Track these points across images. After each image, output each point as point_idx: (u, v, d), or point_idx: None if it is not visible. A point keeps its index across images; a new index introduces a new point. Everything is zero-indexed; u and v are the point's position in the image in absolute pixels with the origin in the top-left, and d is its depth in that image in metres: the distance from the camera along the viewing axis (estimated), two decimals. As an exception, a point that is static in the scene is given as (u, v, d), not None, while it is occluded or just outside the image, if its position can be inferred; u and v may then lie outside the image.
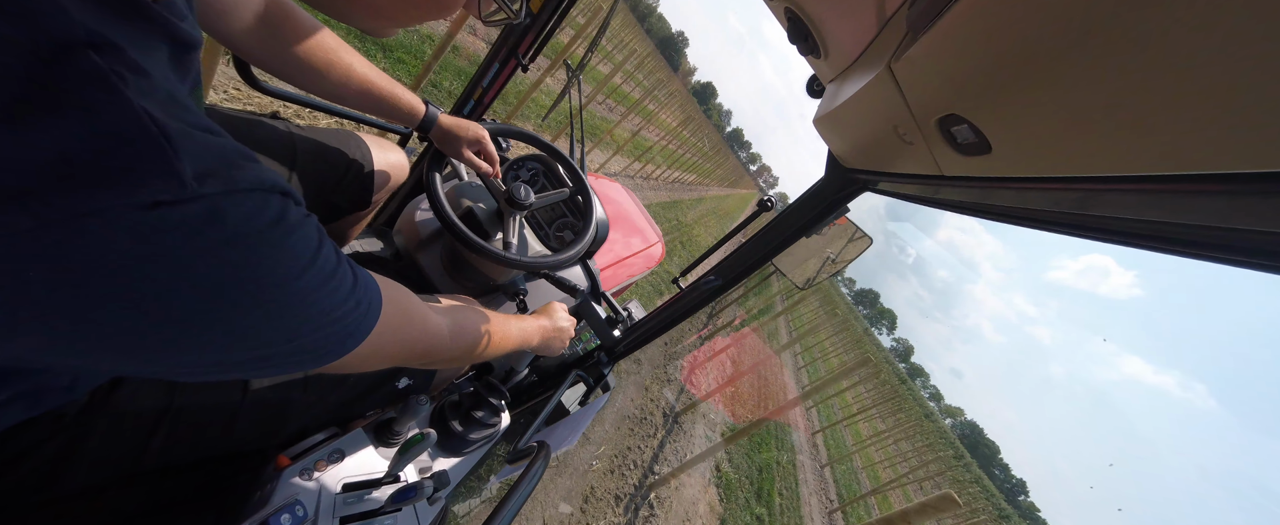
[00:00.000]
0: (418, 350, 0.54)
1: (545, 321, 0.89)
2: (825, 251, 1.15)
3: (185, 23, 0.33)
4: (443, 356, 0.61)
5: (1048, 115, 0.35)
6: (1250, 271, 0.45)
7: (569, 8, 1.11)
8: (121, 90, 0.24)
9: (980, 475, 60.67)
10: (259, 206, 0.29)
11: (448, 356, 0.62)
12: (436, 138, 0.92)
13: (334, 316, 0.36)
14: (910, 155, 0.59)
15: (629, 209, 1.91)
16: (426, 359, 0.57)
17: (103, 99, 0.23)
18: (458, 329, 0.64)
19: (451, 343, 0.61)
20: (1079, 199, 0.39)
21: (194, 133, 0.27)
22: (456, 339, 0.63)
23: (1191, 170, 0.28)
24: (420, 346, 0.54)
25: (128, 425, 0.54)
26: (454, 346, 0.62)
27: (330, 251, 0.36)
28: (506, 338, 0.76)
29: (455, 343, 0.62)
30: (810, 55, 0.78)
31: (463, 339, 0.65)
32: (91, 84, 0.23)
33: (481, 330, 0.69)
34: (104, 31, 0.24)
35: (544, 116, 1.97)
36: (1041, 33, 0.31)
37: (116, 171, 0.23)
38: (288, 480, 0.66)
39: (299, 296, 0.33)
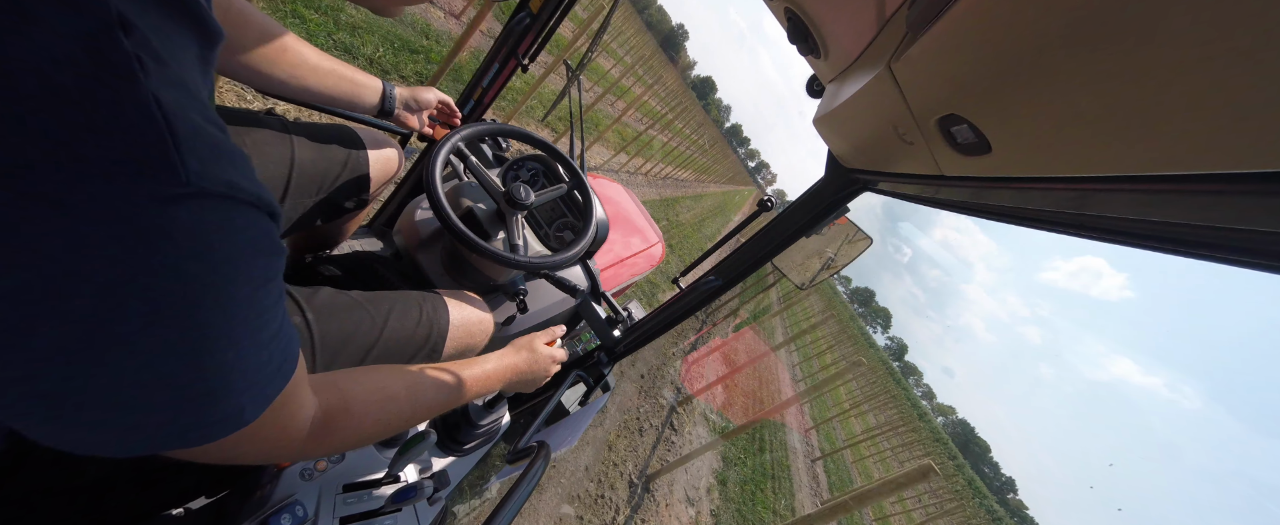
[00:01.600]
0: (354, 436, 0.47)
1: (514, 359, 0.81)
2: (825, 251, 1.15)
3: (209, 11, 0.31)
4: (382, 436, 0.53)
5: (1048, 115, 0.35)
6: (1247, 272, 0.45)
7: (570, 7, 1.11)
8: (139, 78, 0.23)
9: (973, 477, 61.09)
10: (251, 225, 0.28)
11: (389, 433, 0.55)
12: (399, 118, 0.91)
13: (243, 368, 0.30)
14: (910, 155, 0.59)
15: (629, 209, 1.91)
16: (360, 443, 0.50)
17: (120, 85, 0.22)
18: (415, 405, 0.57)
19: (408, 420, 0.56)
20: (1078, 199, 0.40)
21: (206, 130, 0.26)
22: (413, 415, 0.57)
23: (1191, 170, 0.28)
24: (361, 432, 0.48)
25: None
26: (410, 421, 0.57)
27: (280, 283, 0.32)
28: (463, 394, 0.67)
29: (412, 417, 0.57)
30: (810, 55, 0.78)
31: (417, 412, 0.58)
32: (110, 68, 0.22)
33: (429, 400, 0.60)
34: (131, 15, 0.23)
35: (544, 116, 1.97)
36: (1041, 33, 0.31)
37: (113, 159, 0.22)
38: (288, 480, 0.66)
39: (237, 326, 0.28)
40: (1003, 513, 67.22)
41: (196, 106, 0.26)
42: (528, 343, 0.86)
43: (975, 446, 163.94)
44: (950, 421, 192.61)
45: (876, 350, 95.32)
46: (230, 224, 0.27)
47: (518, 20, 1.10)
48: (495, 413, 0.92)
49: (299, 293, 0.71)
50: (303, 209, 0.83)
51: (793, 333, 12.77)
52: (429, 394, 0.60)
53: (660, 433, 3.47)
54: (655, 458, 3.18)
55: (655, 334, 1.29)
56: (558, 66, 3.61)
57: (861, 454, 11.54)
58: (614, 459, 2.79)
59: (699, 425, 4.16)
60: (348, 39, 2.77)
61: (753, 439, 5.43)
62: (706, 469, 3.86)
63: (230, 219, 0.27)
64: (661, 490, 3.01)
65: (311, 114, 2.08)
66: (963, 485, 28.02)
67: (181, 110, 0.25)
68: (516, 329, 1.21)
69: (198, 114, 0.26)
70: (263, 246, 0.30)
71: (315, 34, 2.56)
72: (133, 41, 0.23)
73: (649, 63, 11.51)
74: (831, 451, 8.70)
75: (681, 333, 5.50)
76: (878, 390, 14.09)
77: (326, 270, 0.95)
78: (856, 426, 14.19)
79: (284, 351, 0.34)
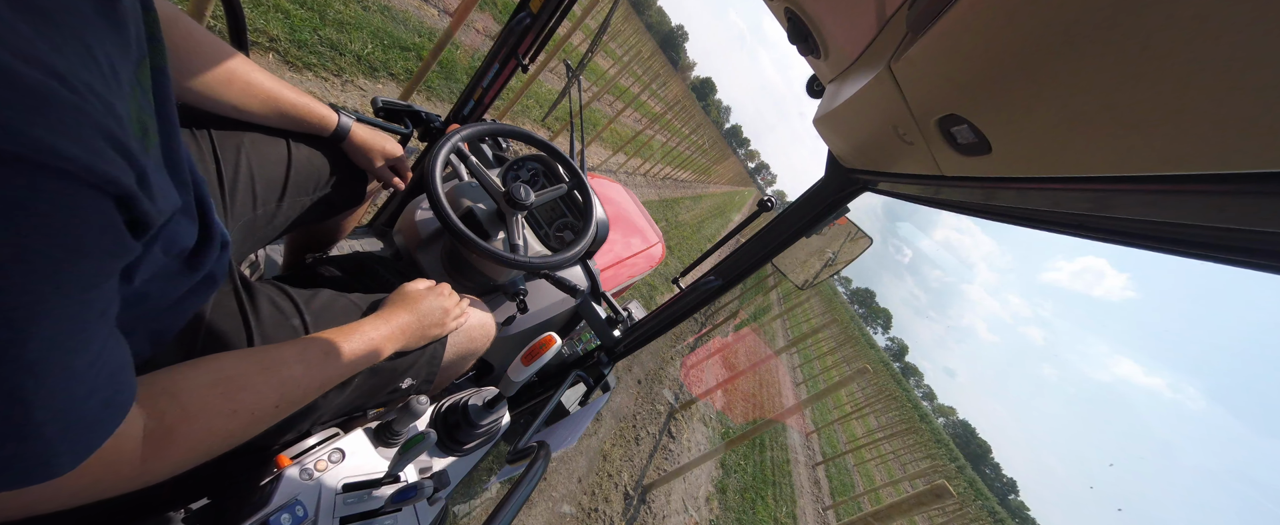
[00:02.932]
0: (206, 446, 0.42)
1: (402, 316, 0.72)
2: (825, 251, 1.15)
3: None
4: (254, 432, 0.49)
5: (1047, 115, 0.35)
6: (1247, 272, 0.45)
7: (569, 7, 1.11)
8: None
9: (974, 478, 61.02)
10: (66, 208, 0.21)
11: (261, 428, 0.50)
12: (349, 150, 0.85)
13: (63, 399, 0.25)
14: (910, 155, 0.59)
15: (629, 209, 1.91)
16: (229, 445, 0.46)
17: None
18: (280, 388, 0.50)
19: (274, 406, 0.50)
20: (1078, 199, 0.40)
21: (16, 67, 0.19)
22: (282, 399, 0.51)
23: (1191, 170, 0.28)
24: (214, 433, 0.43)
25: None
26: (279, 406, 0.51)
27: (108, 295, 0.26)
28: (341, 363, 0.59)
29: (281, 402, 0.51)
30: (810, 55, 0.78)
31: (285, 396, 0.51)
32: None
33: (298, 379, 0.53)
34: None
35: (544, 116, 1.97)
36: (1041, 33, 0.31)
37: None
38: (288, 480, 0.66)
39: (37, 348, 0.22)
40: (1005, 514, 67.15)
41: (16, 41, 0.20)
42: (403, 294, 0.77)
43: (976, 447, 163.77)
44: (951, 422, 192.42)
45: (877, 351, 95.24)
46: (34, 205, 0.21)
47: (518, 20, 1.10)
48: (495, 413, 0.92)
49: (298, 295, 0.71)
50: (301, 208, 0.83)
51: (794, 335, 12.76)
52: (295, 371, 0.52)
53: (657, 440, 3.44)
54: (652, 467, 3.16)
55: (655, 334, 1.29)
56: (549, 65, 3.60)
57: (863, 458, 11.54)
58: (609, 469, 2.76)
59: (698, 431, 4.15)
60: (335, 35, 2.69)
61: (753, 440, 5.42)
62: (705, 477, 3.84)
63: (37, 195, 0.21)
64: (659, 501, 2.99)
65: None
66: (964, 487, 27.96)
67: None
68: (516, 329, 1.21)
69: (10, 50, 0.20)
70: (85, 241, 0.23)
71: (299, 29, 2.47)
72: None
73: (648, 63, 11.52)
74: (834, 456, 8.69)
75: (680, 334, 5.50)
76: (879, 393, 14.09)
77: (326, 271, 0.95)
78: (858, 429, 14.18)
79: (110, 389, 0.29)
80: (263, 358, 0.51)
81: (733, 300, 8.11)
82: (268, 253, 1.16)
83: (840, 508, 6.84)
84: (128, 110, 0.27)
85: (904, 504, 2.82)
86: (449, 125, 1.21)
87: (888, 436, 12.87)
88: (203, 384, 0.44)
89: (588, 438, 2.78)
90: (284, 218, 0.80)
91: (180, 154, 0.37)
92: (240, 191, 0.70)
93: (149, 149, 0.31)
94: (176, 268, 0.43)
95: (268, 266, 1.13)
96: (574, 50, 5.66)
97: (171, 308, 0.47)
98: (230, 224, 0.70)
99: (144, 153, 0.29)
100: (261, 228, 0.77)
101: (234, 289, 0.63)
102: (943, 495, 2.58)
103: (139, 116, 0.30)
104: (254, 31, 2.23)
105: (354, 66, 2.74)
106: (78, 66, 0.22)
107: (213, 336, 0.59)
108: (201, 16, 1.39)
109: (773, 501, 4.78)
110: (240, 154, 0.71)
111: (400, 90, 2.97)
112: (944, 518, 9.39)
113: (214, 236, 0.46)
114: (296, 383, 0.53)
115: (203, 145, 0.68)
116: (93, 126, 0.22)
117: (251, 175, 0.72)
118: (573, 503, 2.32)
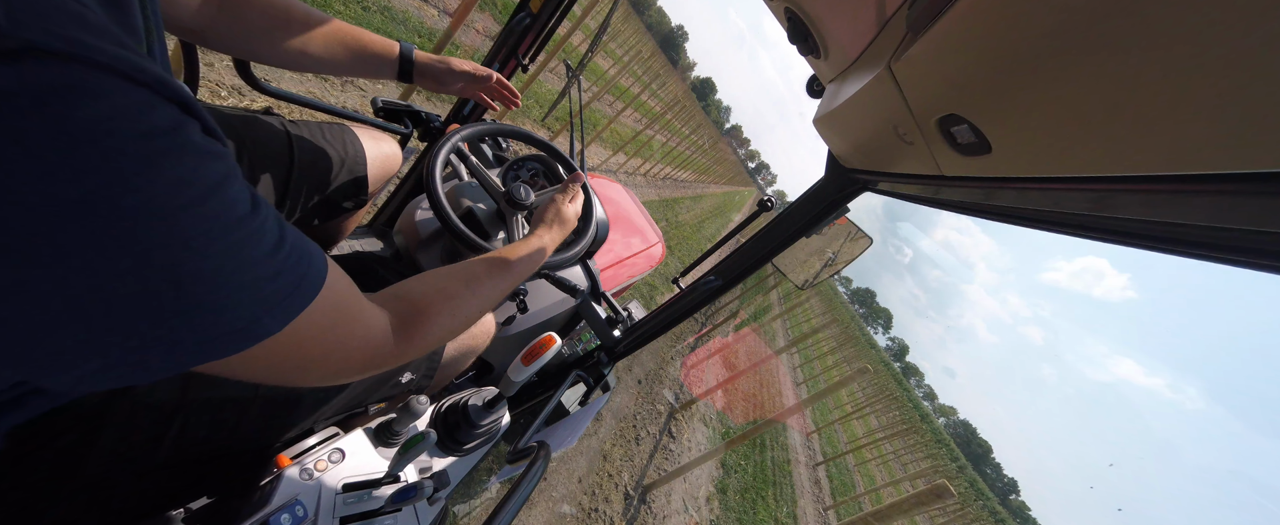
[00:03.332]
0: (372, 356, 0.45)
1: (551, 234, 0.82)
2: (825, 251, 1.15)
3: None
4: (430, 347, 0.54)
5: (1048, 115, 0.35)
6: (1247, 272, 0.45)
7: (569, 7, 1.11)
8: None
9: (975, 478, 60.96)
10: (133, 106, 0.22)
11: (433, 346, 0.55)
12: (423, 71, 0.87)
13: (237, 281, 0.28)
14: (910, 155, 0.59)
15: (629, 209, 1.91)
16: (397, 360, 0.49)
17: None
18: (479, 297, 0.59)
19: (475, 310, 0.58)
20: (1079, 199, 0.40)
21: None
22: (480, 306, 0.59)
23: (1192, 170, 0.28)
24: (440, 328, 0.51)
25: (144, 418, 0.55)
26: (479, 312, 0.59)
27: (243, 193, 0.29)
28: (516, 274, 0.67)
29: (480, 308, 0.59)
30: (810, 55, 0.78)
31: (482, 303, 0.60)
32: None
33: (487, 291, 0.61)
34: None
35: (544, 116, 1.97)
36: (1042, 32, 0.31)
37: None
38: (288, 480, 0.66)
39: (181, 236, 0.24)
40: (1006, 514, 67.04)
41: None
42: (556, 214, 0.85)
43: (977, 447, 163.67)
44: (952, 422, 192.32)
45: (878, 351, 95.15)
46: (99, 99, 0.21)
47: (518, 20, 1.10)
48: (495, 413, 0.92)
49: None
50: (302, 208, 0.83)
51: (794, 335, 12.75)
52: (485, 284, 0.62)
53: (658, 440, 3.44)
54: (652, 467, 3.16)
55: (655, 334, 1.29)
56: (549, 65, 3.60)
57: (863, 458, 11.54)
58: (609, 469, 2.76)
59: (698, 431, 4.14)
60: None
61: (753, 440, 5.42)
62: (706, 477, 3.83)
63: (97, 92, 0.21)
64: (659, 501, 2.99)
65: (312, 114, 2.09)
66: (964, 487, 27.99)
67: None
68: (516, 329, 1.21)
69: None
70: (172, 143, 0.24)
71: None
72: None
73: (648, 63, 11.51)
74: (834, 456, 8.69)
75: (680, 334, 5.50)
76: (880, 392, 14.09)
77: (327, 270, 0.95)
78: (858, 429, 14.18)
79: (297, 267, 0.33)
80: (464, 272, 0.61)
81: (733, 300, 8.11)
82: None
83: (841, 507, 6.84)
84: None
85: (905, 504, 2.82)
86: (449, 125, 1.22)
87: (888, 436, 12.88)
88: (427, 292, 0.53)
89: (588, 438, 2.78)
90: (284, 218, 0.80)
91: None
92: None
93: None
94: None
95: (268, 266, 1.13)
96: (574, 50, 5.66)
97: None
98: None
99: None
100: (261, 228, 0.77)
101: None
102: (943, 495, 2.59)
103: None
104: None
105: (354, 67, 2.74)
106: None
107: None
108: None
109: (773, 501, 4.78)
110: (240, 154, 0.71)
111: (400, 90, 2.97)
112: (945, 517, 9.39)
113: None
114: (489, 290, 0.62)
115: None
116: (124, 45, 0.23)
117: (252, 177, 0.72)
118: (573, 503, 2.32)
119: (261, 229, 0.30)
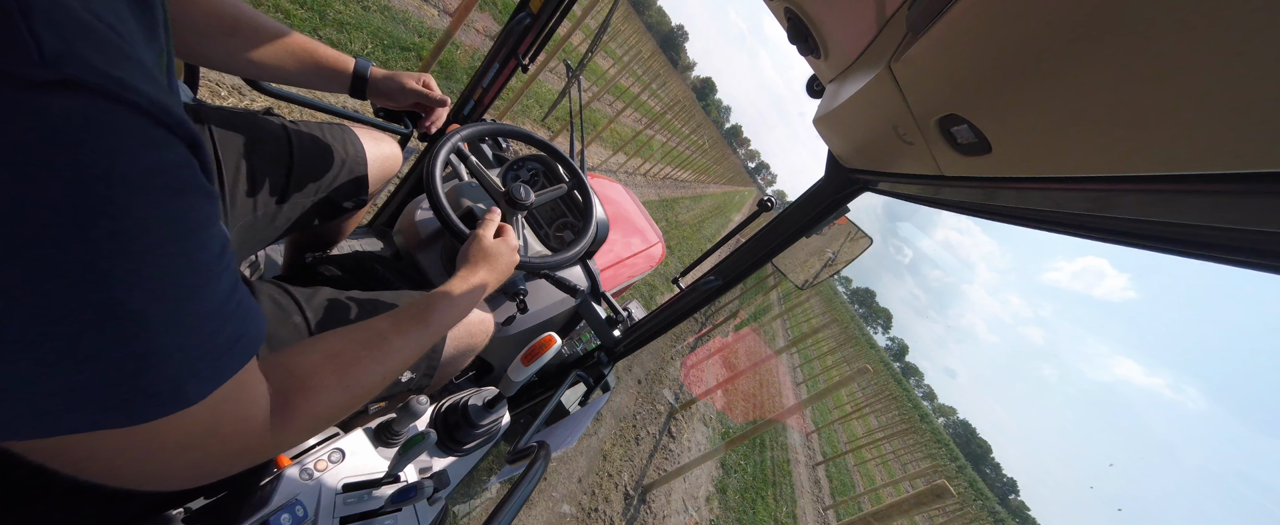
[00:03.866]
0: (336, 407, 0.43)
1: (481, 275, 0.74)
2: (825, 251, 1.15)
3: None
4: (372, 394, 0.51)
5: (1048, 115, 0.35)
6: (1247, 272, 0.45)
7: (569, 7, 1.11)
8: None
9: (975, 478, 61.01)
10: (150, 143, 0.22)
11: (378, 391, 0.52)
12: (377, 86, 0.85)
13: (183, 327, 0.26)
14: (910, 155, 0.59)
15: (629, 209, 1.91)
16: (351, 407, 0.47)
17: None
18: (384, 361, 0.52)
19: (381, 376, 0.51)
20: (1079, 199, 0.40)
21: (77, 11, 0.20)
22: (387, 369, 0.52)
23: (1192, 170, 0.28)
24: (330, 405, 0.44)
25: None
26: (385, 378, 0.52)
27: (220, 237, 0.28)
28: (434, 329, 0.61)
29: (386, 373, 0.52)
30: (810, 55, 0.78)
31: (389, 367, 0.53)
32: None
33: (397, 349, 0.55)
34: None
35: (544, 116, 1.97)
36: (1042, 32, 0.31)
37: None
38: (287, 480, 0.66)
39: (144, 274, 0.23)
40: (1005, 514, 67.06)
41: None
42: (480, 250, 0.78)
43: (977, 447, 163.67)
44: (952, 422, 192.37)
45: (877, 351, 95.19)
46: (121, 134, 0.22)
47: (518, 20, 1.10)
48: (495, 413, 0.92)
49: (299, 293, 0.71)
50: (302, 208, 0.83)
51: (794, 335, 12.75)
52: (391, 343, 0.54)
53: (657, 440, 3.44)
54: (652, 467, 3.16)
55: (655, 334, 1.29)
56: (549, 65, 3.60)
57: (863, 458, 11.54)
58: (609, 469, 2.76)
59: (698, 431, 4.14)
60: (335, 35, 2.73)
61: (753, 440, 5.42)
62: (706, 477, 3.83)
63: (120, 127, 0.22)
64: (659, 501, 2.98)
65: (312, 114, 2.08)
66: (964, 487, 28.00)
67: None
68: (516, 329, 1.21)
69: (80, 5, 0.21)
70: (176, 179, 0.24)
71: (299, 30, 2.52)
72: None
73: (648, 63, 11.51)
74: (834, 455, 8.69)
75: (680, 334, 5.50)
76: (880, 392, 14.09)
77: (326, 270, 0.95)
78: (858, 429, 14.18)
79: (241, 324, 0.30)
80: (364, 334, 0.53)
81: (733, 300, 8.11)
82: (268, 253, 1.16)
83: (840, 507, 6.84)
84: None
85: (904, 504, 2.82)
86: (449, 125, 1.21)
87: (888, 436, 12.88)
88: (316, 361, 0.46)
89: (588, 438, 2.78)
90: (284, 219, 0.80)
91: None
92: (241, 192, 0.70)
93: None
94: None
95: (268, 267, 1.13)
96: (574, 50, 5.66)
97: None
98: (231, 225, 0.70)
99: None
100: (262, 229, 0.77)
101: None
102: (943, 495, 2.59)
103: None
104: (254, 32, 2.23)
105: (353, 67, 2.75)
106: (115, 15, 0.23)
107: None
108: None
109: (773, 501, 4.78)
110: (241, 154, 0.71)
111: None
112: (944, 517, 9.40)
113: None
114: (397, 353, 0.55)
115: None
116: (151, 77, 0.23)
117: (252, 176, 0.72)
118: (573, 503, 2.32)
119: (215, 269, 0.28)
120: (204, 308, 0.27)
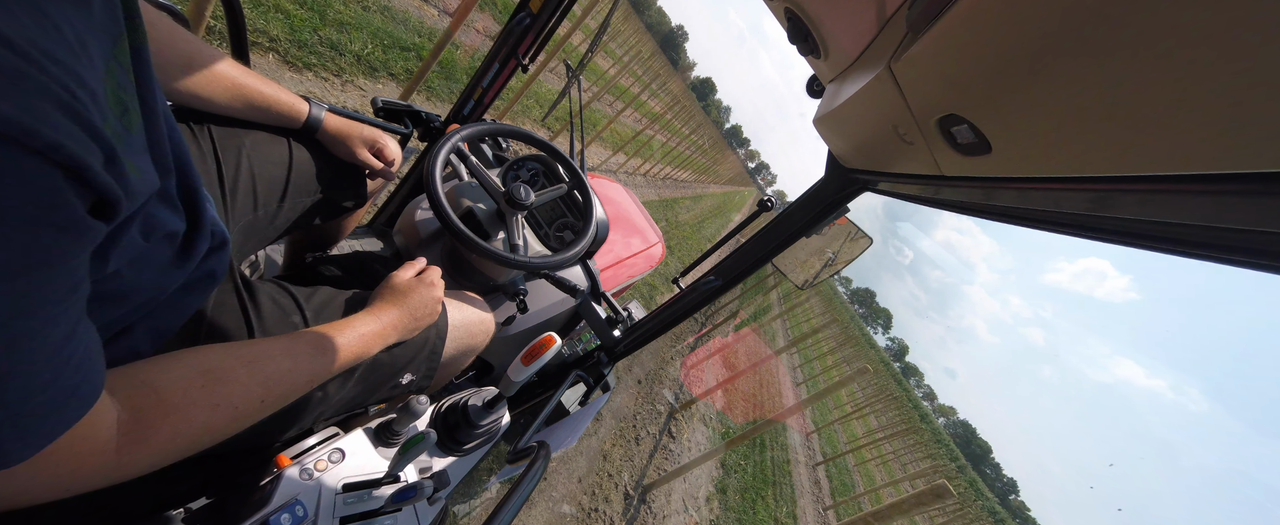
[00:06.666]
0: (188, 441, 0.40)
1: (393, 313, 0.69)
2: (825, 251, 1.15)
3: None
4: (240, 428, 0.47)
5: (1048, 115, 0.35)
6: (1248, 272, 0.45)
7: (569, 7, 1.11)
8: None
9: (975, 479, 61.03)
10: (13, 169, 0.20)
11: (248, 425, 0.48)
12: (325, 141, 0.83)
13: (13, 379, 0.23)
14: (910, 155, 0.59)
15: (629, 209, 1.91)
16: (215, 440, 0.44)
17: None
18: (265, 383, 0.48)
19: (259, 400, 0.48)
20: (1079, 199, 0.40)
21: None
22: (266, 393, 0.48)
23: (1192, 171, 0.28)
24: (193, 425, 0.40)
25: None
26: (264, 401, 0.49)
27: (70, 278, 0.25)
28: (334, 359, 0.57)
29: (265, 396, 0.48)
30: (810, 55, 0.78)
31: (269, 390, 0.49)
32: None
33: (283, 373, 0.51)
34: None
35: (544, 116, 1.97)
36: (1042, 33, 0.31)
37: None
38: (288, 480, 0.66)
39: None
40: (1005, 514, 67.06)
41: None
42: (391, 287, 0.74)
43: (977, 447, 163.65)
44: (952, 422, 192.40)
45: (878, 351, 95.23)
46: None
47: (518, 20, 1.11)
48: (495, 413, 0.92)
49: (298, 292, 0.71)
50: (301, 208, 0.83)
51: (794, 335, 12.75)
52: (282, 365, 0.50)
53: (657, 440, 3.44)
54: (652, 467, 3.15)
55: (655, 334, 1.29)
56: (549, 65, 3.60)
57: (863, 458, 11.54)
58: (609, 469, 2.75)
59: (698, 431, 4.14)
60: (335, 35, 2.71)
61: (753, 440, 5.41)
62: (706, 477, 3.83)
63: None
64: (659, 501, 2.98)
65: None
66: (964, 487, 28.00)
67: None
68: (516, 329, 1.21)
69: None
70: (37, 211, 0.21)
71: (300, 30, 2.49)
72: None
73: (648, 63, 11.51)
74: (834, 456, 8.69)
75: (680, 334, 5.50)
76: (880, 393, 14.10)
77: (326, 270, 0.95)
78: (858, 429, 14.18)
79: (76, 374, 0.27)
80: (248, 351, 0.49)
81: (733, 300, 8.11)
82: (268, 253, 1.16)
83: (840, 508, 6.84)
84: (102, 86, 0.26)
85: (904, 504, 2.82)
86: (449, 125, 1.22)
87: (888, 436, 12.88)
88: (184, 376, 0.42)
89: (588, 438, 2.78)
90: (285, 218, 0.80)
91: (161, 136, 0.36)
92: (241, 192, 0.70)
93: (131, 129, 0.30)
94: (168, 257, 0.43)
95: (268, 266, 1.13)
96: (574, 50, 5.66)
97: (170, 303, 0.47)
98: (231, 224, 0.70)
99: (124, 131, 0.28)
100: (262, 228, 0.77)
101: (234, 287, 0.63)
102: (943, 495, 2.59)
103: (117, 94, 0.29)
104: (254, 32, 2.23)
105: (354, 67, 2.75)
106: (33, 33, 0.21)
107: (214, 333, 0.59)
108: (202, 18, 1.39)
109: (773, 501, 4.78)
110: (241, 154, 0.71)
111: (400, 90, 2.97)
112: (944, 517, 9.40)
113: (204, 225, 0.45)
114: (283, 377, 0.50)
115: (203, 145, 0.68)
116: (39, 91, 0.21)
117: (252, 176, 0.72)
118: (573, 503, 2.32)
119: (57, 310, 0.24)
120: (34, 362, 0.24)
